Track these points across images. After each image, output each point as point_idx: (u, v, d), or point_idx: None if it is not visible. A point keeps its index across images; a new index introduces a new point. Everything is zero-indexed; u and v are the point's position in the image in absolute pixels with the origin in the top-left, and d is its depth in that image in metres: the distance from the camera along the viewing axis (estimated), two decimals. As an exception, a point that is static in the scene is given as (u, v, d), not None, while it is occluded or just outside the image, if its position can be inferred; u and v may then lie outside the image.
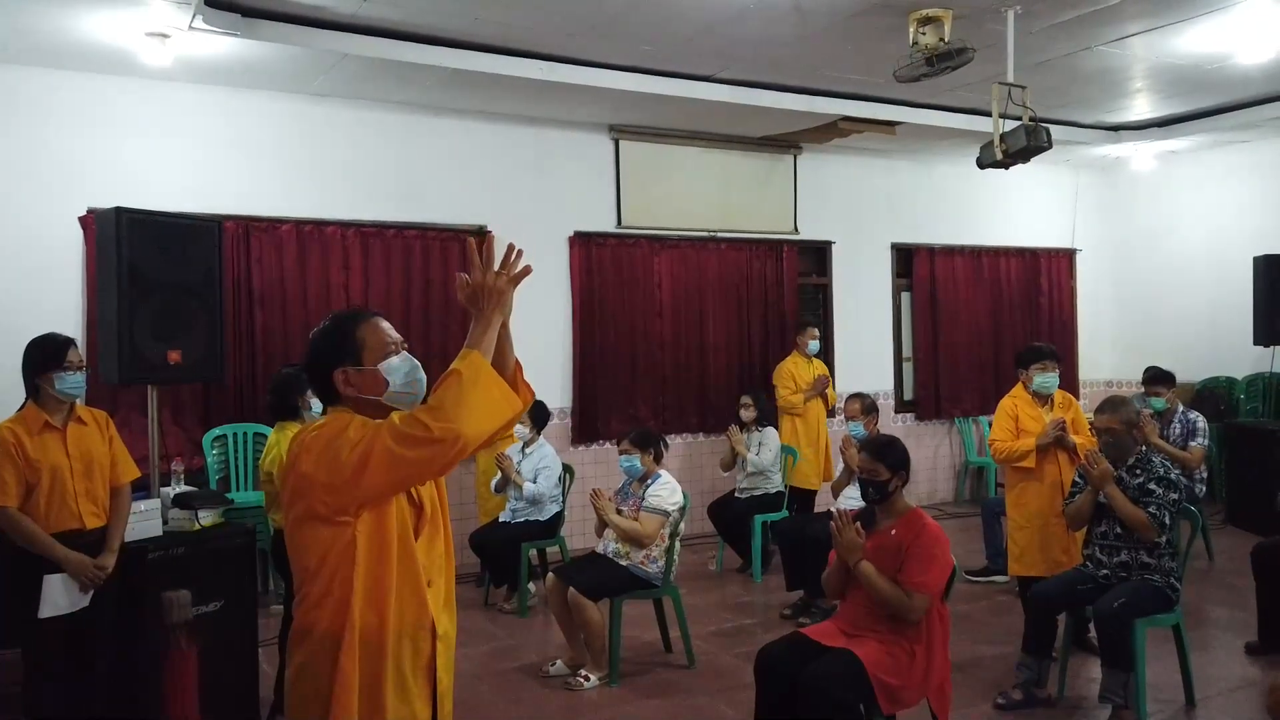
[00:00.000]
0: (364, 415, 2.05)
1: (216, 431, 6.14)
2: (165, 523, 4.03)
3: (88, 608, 3.59)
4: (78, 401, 3.75)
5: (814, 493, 7.21)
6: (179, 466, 4.52)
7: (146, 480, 4.33)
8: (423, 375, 2.15)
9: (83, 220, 5.80)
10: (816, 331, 7.52)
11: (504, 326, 2.09)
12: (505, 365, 2.14)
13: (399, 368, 2.11)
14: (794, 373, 7.34)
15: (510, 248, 2.08)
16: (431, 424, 1.87)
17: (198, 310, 4.40)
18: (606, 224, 7.60)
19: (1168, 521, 4.05)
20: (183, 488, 4.30)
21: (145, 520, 3.91)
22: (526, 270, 2.08)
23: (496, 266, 2.09)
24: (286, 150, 6.46)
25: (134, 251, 4.13)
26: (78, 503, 3.63)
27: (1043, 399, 5.07)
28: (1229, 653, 4.90)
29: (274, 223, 6.36)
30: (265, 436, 5.21)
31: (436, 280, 6.90)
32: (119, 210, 4.15)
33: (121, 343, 4.10)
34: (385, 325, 2.15)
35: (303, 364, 2.17)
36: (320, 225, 6.51)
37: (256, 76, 6.08)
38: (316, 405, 4.20)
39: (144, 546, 3.83)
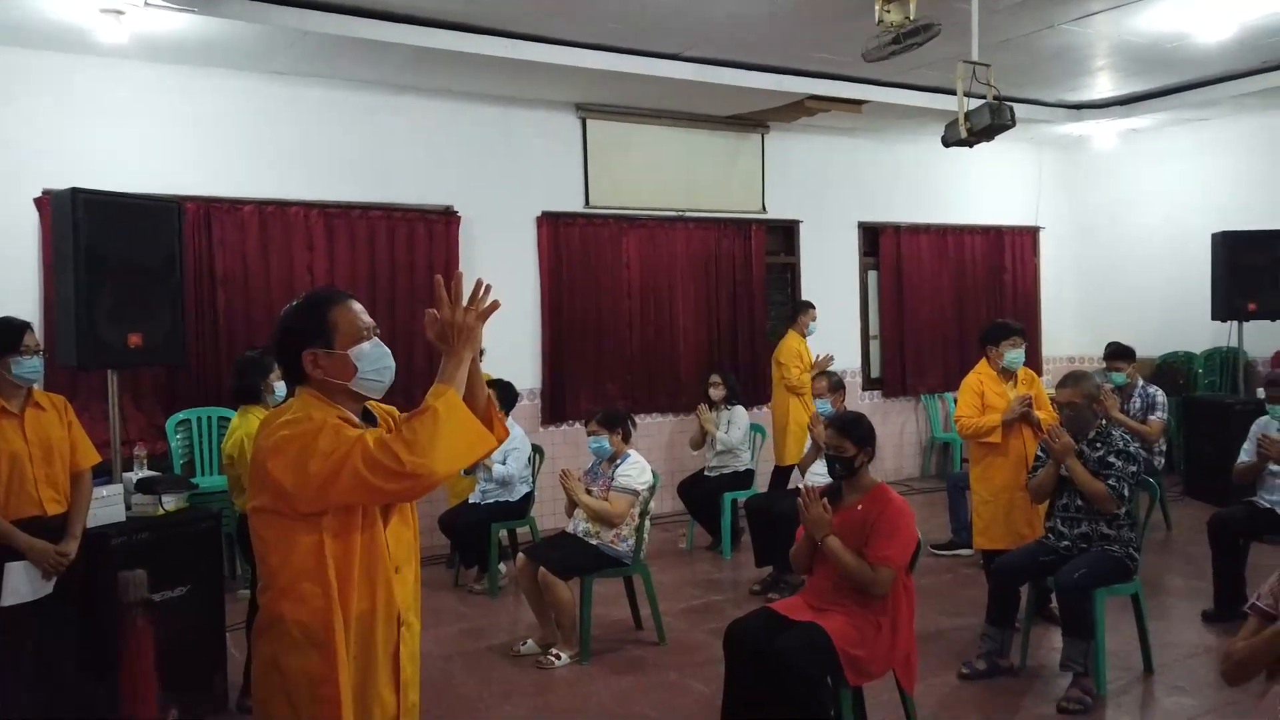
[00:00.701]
0: (329, 399, 2.04)
1: (180, 416, 6.06)
2: (128, 508, 3.98)
3: (51, 594, 3.55)
4: (35, 387, 3.68)
5: None
6: (141, 451, 4.46)
7: (109, 466, 4.27)
8: (391, 363, 2.14)
9: (38, 202, 5.68)
10: (816, 312, 7.57)
11: (474, 362, 2.08)
12: (477, 400, 2.12)
13: (369, 354, 2.09)
14: (800, 351, 7.39)
15: (479, 283, 2.07)
16: (405, 458, 1.86)
17: (158, 293, 4.33)
18: (574, 204, 7.56)
19: (1127, 493, 4.13)
20: (146, 473, 4.25)
21: (108, 506, 3.87)
22: (495, 305, 2.07)
23: (465, 302, 2.07)
24: (248, 130, 6.36)
25: (91, 233, 4.05)
26: (38, 489, 3.57)
27: (1008, 375, 5.14)
28: (1186, 620, 5.02)
29: (235, 204, 6.27)
30: (230, 420, 5.15)
31: (402, 262, 6.84)
32: (74, 191, 4.06)
33: (80, 326, 4.03)
34: (358, 309, 2.13)
35: (271, 341, 2.14)
36: (283, 206, 6.42)
37: (216, 54, 5.96)
38: (279, 389, 4.16)
39: (107, 532, 3.79)
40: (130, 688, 2.73)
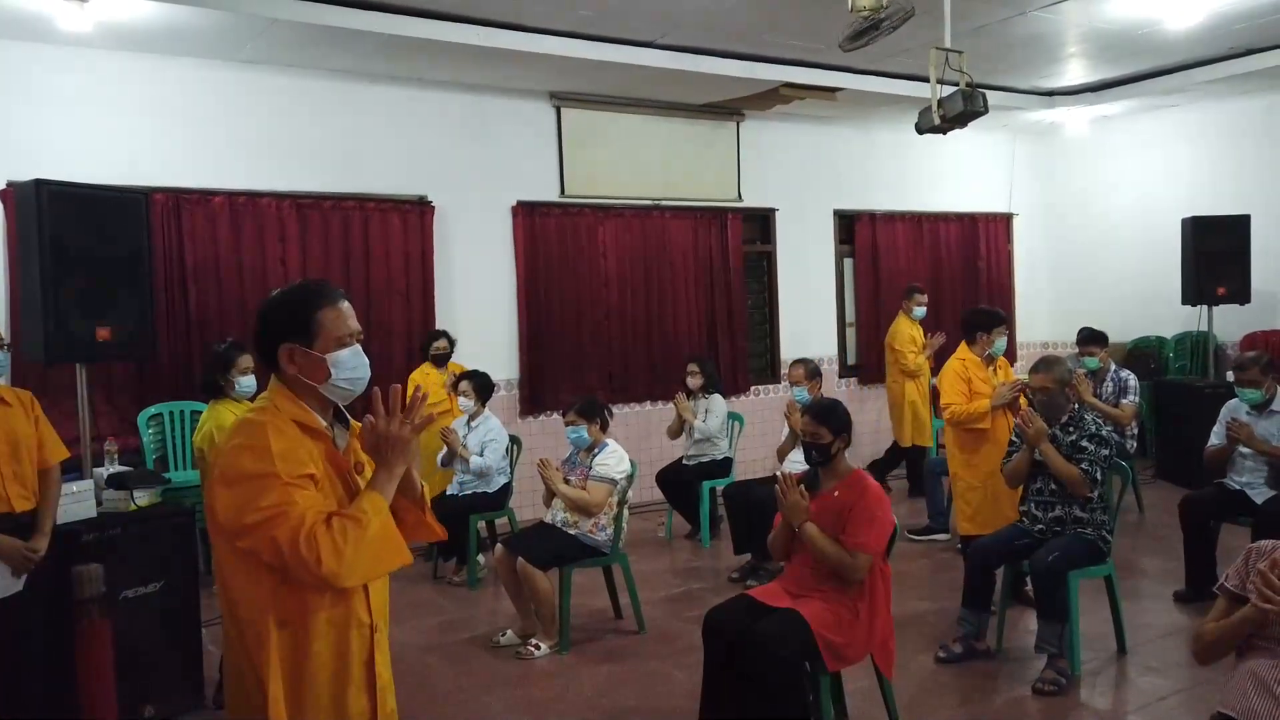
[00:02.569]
0: (298, 397, 2.02)
1: (152, 410, 5.99)
2: (99, 504, 3.93)
3: (20, 592, 3.50)
4: (1, 382, 3.62)
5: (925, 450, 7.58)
6: (112, 446, 4.40)
7: (79, 461, 4.21)
8: (367, 374, 2.09)
9: (1, 194, 5.58)
10: (923, 297, 7.72)
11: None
12: (412, 495, 2.13)
13: (346, 361, 2.05)
14: (913, 334, 7.56)
15: (415, 394, 2.05)
16: (324, 561, 1.82)
17: (126, 286, 4.28)
18: (550, 193, 7.53)
19: (1099, 477, 4.17)
20: (117, 468, 4.19)
21: (78, 502, 3.81)
22: (430, 419, 2.04)
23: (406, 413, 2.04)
24: (216, 120, 6.27)
25: (56, 226, 3.99)
26: (5, 486, 3.51)
27: (990, 361, 5.18)
28: (1159, 602, 5.08)
29: (205, 195, 6.19)
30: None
31: (377, 253, 6.78)
32: (39, 183, 4.00)
33: (46, 320, 3.97)
34: (347, 311, 2.08)
35: (253, 326, 2.10)
36: (254, 197, 6.34)
37: (182, 43, 5.87)
38: (242, 383, 4.10)
39: (78, 529, 3.74)
40: (87, 686, 2.69)
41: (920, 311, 7.73)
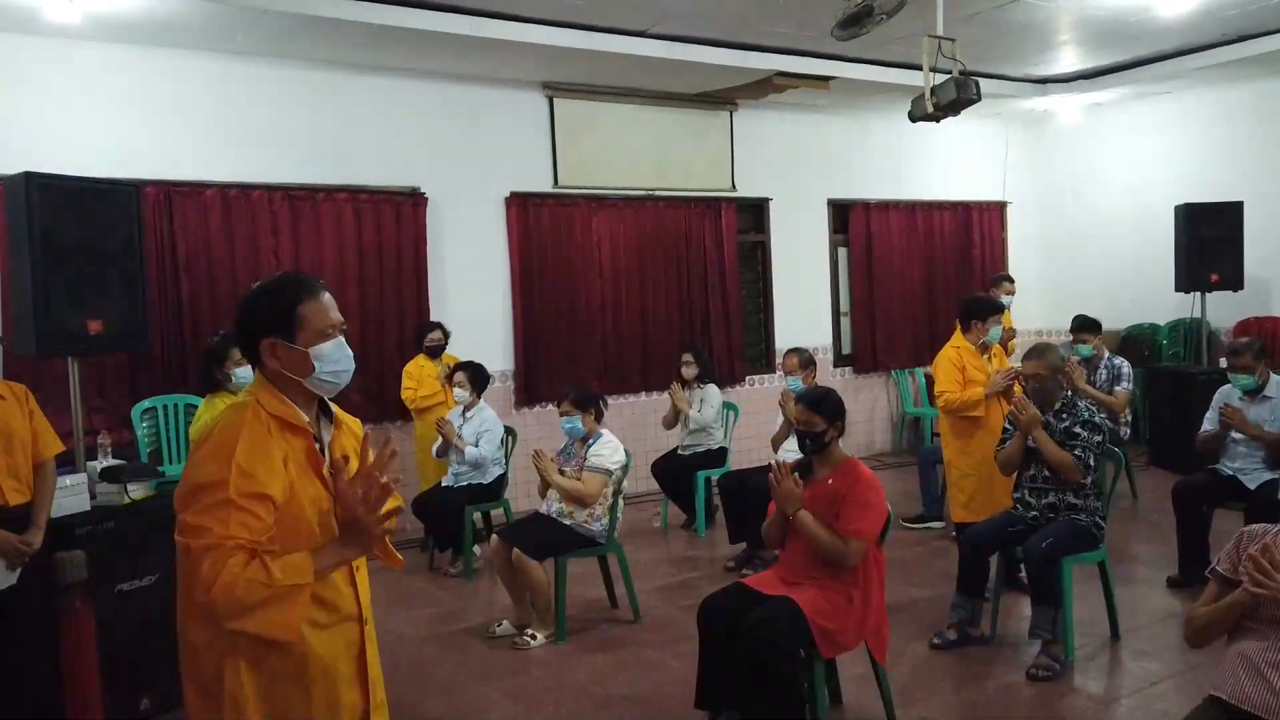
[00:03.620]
0: (280, 391, 2.00)
1: (145, 404, 5.97)
2: (93, 497, 3.92)
3: (14, 586, 3.49)
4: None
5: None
6: (106, 440, 4.38)
7: (72, 455, 4.20)
8: (350, 366, 2.08)
9: (-9, 188, 5.54)
10: (1010, 285, 7.69)
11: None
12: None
13: (329, 355, 2.03)
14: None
15: (385, 444, 1.99)
16: (212, 589, 1.77)
17: (118, 278, 4.24)
18: (543, 184, 7.51)
19: (1092, 463, 4.19)
20: (111, 461, 4.18)
21: (72, 495, 3.79)
22: (397, 511, 1.97)
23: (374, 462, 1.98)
24: (207, 112, 6.24)
25: (46, 218, 3.96)
26: (-1, 479, 3.50)
27: (984, 349, 5.19)
28: (1152, 587, 5.11)
29: (197, 187, 6.16)
30: (197, 408, 5.09)
31: (370, 245, 6.76)
32: (28, 175, 3.96)
33: (38, 313, 3.94)
34: (329, 303, 2.06)
35: (236, 322, 2.07)
36: (246, 189, 6.32)
37: (171, 34, 5.83)
38: (239, 374, 4.10)
39: (72, 522, 3.72)
40: (71, 672, 2.68)
41: (1007, 300, 7.69)
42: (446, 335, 6.60)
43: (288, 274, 2.24)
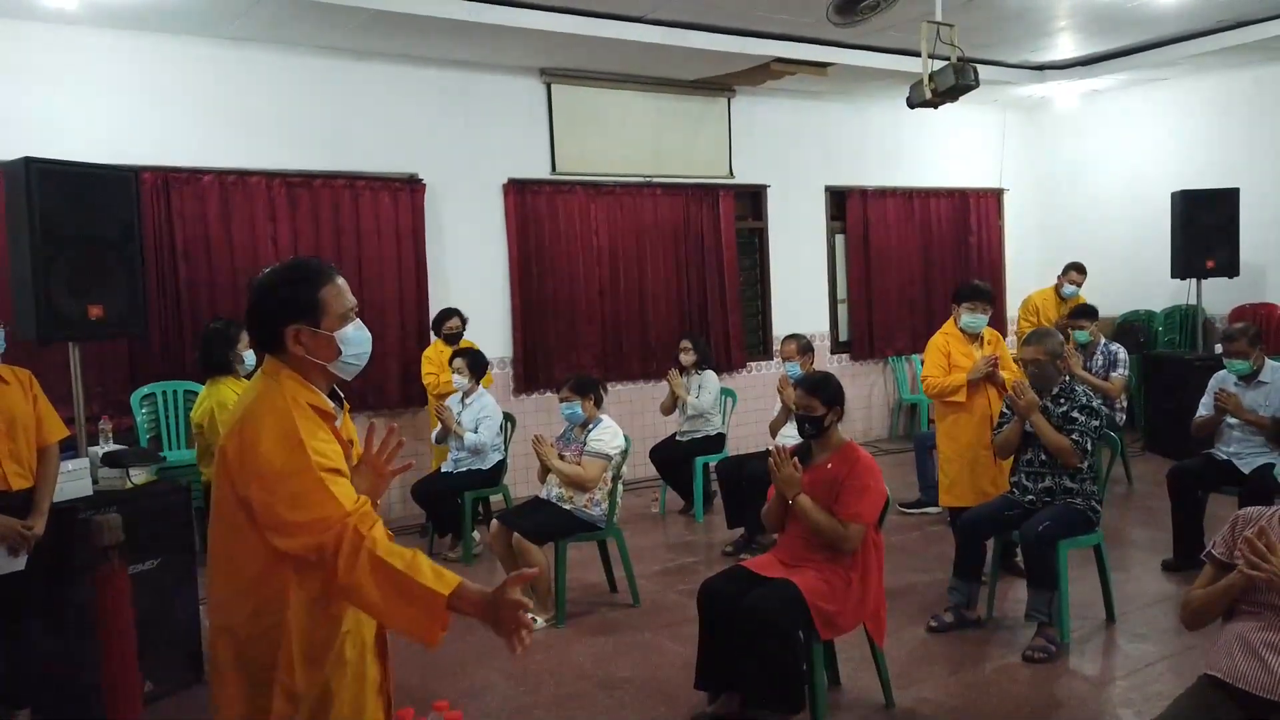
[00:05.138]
0: (305, 377, 1.99)
1: (145, 390, 5.98)
2: (95, 482, 3.93)
3: (19, 571, 3.51)
4: (-4, 360, 3.62)
5: None
6: (107, 425, 4.40)
7: (73, 440, 4.21)
8: (370, 347, 2.10)
9: (-11, 173, 5.53)
10: (1080, 278, 7.75)
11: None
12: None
13: (353, 338, 2.04)
14: (1040, 308, 7.65)
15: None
16: (356, 574, 1.80)
17: (116, 264, 4.24)
18: (541, 170, 7.51)
19: (1089, 447, 4.22)
20: (112, 447, 4.20)
21: (74, 480, 3.82)
22: (527, 641, 1.93)
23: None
24: (204, 98, 6.22)
25: (46, 204, 3.96)
26: (1, 464, 3.51)
27: (972, 336, 5.20)
28: (1146, 570, 5.15)
29: (194, 173, 6.15)
30: (197, 394, 5.10)
31: (368, 231, 6.76)
32: (27, 160, 3.96)
33: (37, 299, 3.94)
34: (345, 286, 2.07)
35: (251, 308, 2.05)
36: (244, 176, 6.31)
37: (168, 19, 5.81)
38: (250, 358, 4.11)
39: (74, 506, 3.74)
40: (108, 634, 2.68)
41: (1070, 290, 7.72)
42: (464, 321, 6.63)
43: (301, 259, 2.23)
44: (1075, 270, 7.79)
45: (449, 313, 6.62)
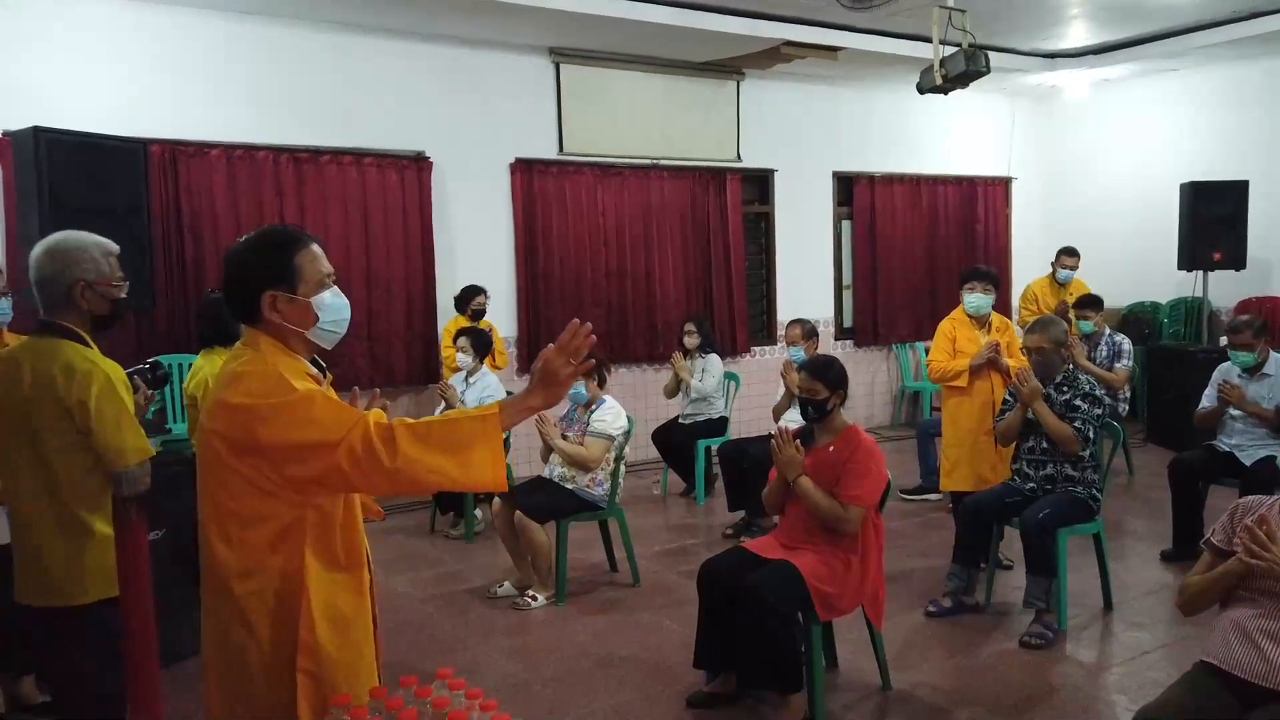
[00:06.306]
0: (286, 346, 1.97)
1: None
2: (101, 453, 3.94)
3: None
4: (3, 328, 3.63)
5: None
6: (112, 397, 4.40)
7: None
8: (349, 314, 2.07)
9: (-2, 143, 5.54)
10: (1072, 261, 7.75)
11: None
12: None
13: (330, 304, 2.01)
14: (1039, 295, 7.67)
15: (576, 325, 1.94)
16: (401, 448, 1.78)
17: (124, 236, 4.24)
18: (548, 151, 7.49)
19: (1091, 436, 4.23)
20: (117, 418, 4.20)
21: (80, 450, 3.82)
22: (586, 366, 1.92)
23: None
24: (213, 71, 6.21)
25: (54, 173, 3.98)
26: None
27: (980, 321, 5.21)
28: (1145, 560, 5.17)
29: (202, 147, 6.15)
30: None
31: (375, 208, 6.75)
32: (36, 130, 3.98)
33: (46, 269, 3.96)
34: (320, 253, 2.04)
35: (225, 279, 2.02)
36: (251, 150, 6.31)
37: (178, -8, 5.80)
38: None
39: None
40: (126, 584, 2.68)
41: (1065, 274, 7.72)
42: (487, 299, 6.70)
43: (274, 226, 2.21)
44: (1066, 254, 7.77)
45: (475, 290, 6.65)
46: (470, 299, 6.64)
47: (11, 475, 2.71)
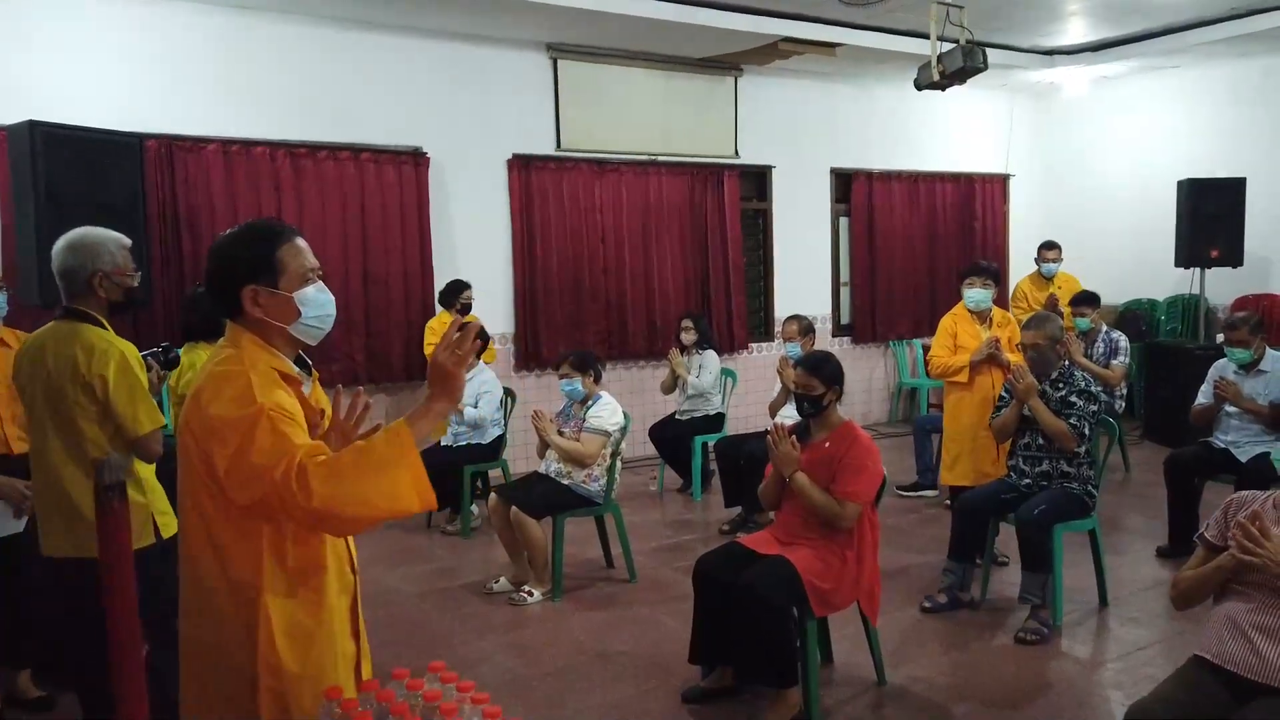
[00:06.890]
0: (266, 342, 1.94)
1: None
2: (96, 447, 3.94)
3: (20, 534, 3.53)
4: (-1, 323, 3.64)
5: None
6: (107, 391, 4.40)
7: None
8: (333, 310, 2.04)
9: (-7, 138, 5.53)
10: (1053, 254, 7.75)
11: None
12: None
13: (314, 299, 1.98)
14: (1028, 292, 7.70)
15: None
16: (315, 492, 1.71)
17: (121, 231, 4.23)
18: (546, 147, 7.48)
19: (1087, 432, 4.23)
20: (112, 412, 4.20)
21: (75, 444, 3.82)
22: (474, 347, 1.91)
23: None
24: (210, 66, 6.20)
25: (51, 168, 3.98)
26: (3, 427, 3.53)
27: (981, 317, 5.21)
28: (1141, 557, 5.18)
29: (199, 142, 6.14)
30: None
31: (372, 204, 6.75)
32: (32, 124, 3.97)
33: (41, 263, 3.96)
34: (305, 247, 2.00)
35: (208, 273, 1.99)
36: (248, 146, 6.30)
37: (174, -14, 5.79)
38: None
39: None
40: (108, 572, 2.68)
41: (1050, 268, 7.72)
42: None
43: (258, 220, 2.20)
44: (1046, 248, 7.78)
45: (463, 285, 6.63)
46: (459, 293, 6.62)
47: (41, 435, 2.91)
